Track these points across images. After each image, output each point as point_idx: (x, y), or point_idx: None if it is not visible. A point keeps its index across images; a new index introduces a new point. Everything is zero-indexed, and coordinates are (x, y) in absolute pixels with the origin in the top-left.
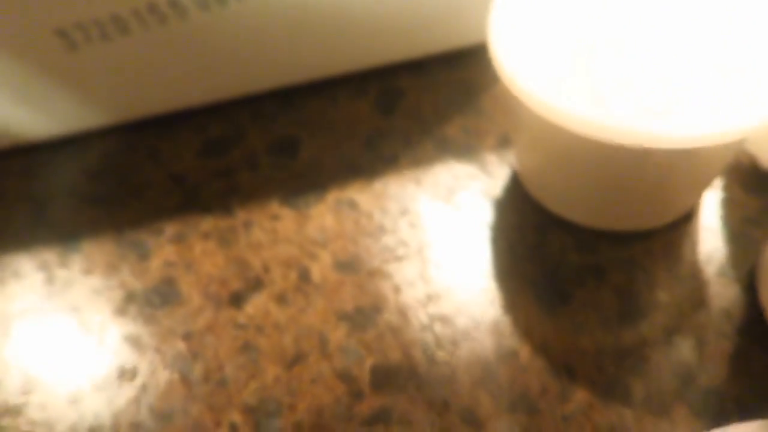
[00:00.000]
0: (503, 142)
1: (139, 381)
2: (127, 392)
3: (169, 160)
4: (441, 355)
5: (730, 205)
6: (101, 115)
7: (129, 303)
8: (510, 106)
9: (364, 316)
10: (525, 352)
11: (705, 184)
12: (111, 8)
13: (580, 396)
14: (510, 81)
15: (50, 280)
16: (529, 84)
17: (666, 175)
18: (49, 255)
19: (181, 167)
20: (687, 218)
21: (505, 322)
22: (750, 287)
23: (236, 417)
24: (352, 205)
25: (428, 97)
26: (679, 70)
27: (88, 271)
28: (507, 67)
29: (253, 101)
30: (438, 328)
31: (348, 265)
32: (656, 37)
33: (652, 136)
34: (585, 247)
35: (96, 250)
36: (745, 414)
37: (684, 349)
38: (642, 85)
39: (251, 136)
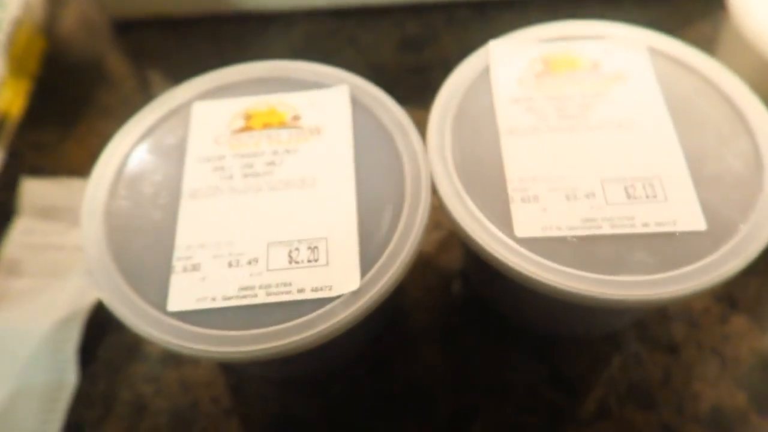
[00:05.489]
0: None
1: None
2: None
3: (368, 50)
4: None
5: None
6: None
7: None
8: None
9: None
10: None
11: None
12: None
13: (739, 322)
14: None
15: None
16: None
17: None
18: None
19: (380, 59)
20: None
21: None
22: None
23: None
24: None
25: None
26: None
27: None
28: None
29: (448, 6)
30: None
31: None
32: None
33: None
34: None
35: None
36: None
37: None
38: None
39: (444, 39)
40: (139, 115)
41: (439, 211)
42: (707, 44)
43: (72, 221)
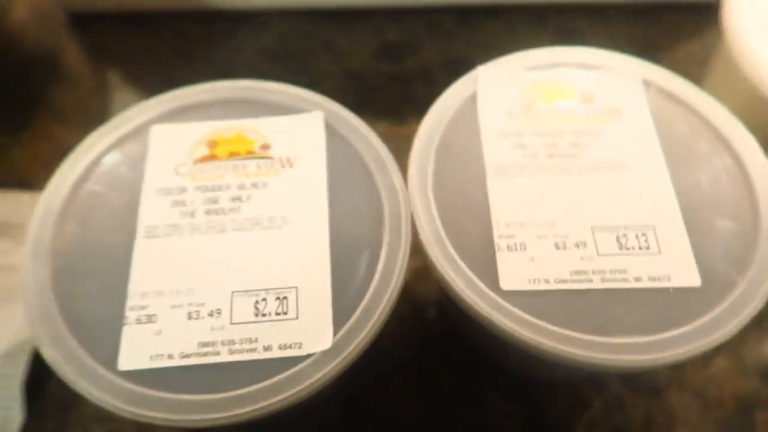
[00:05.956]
0: None
1: None
2: None
3: (345, 56)
4: None
5: None
6: None
7: None
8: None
9: None
10: None
11: None
12: None
13: (722, 364)
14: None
15: None
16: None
17: None
18: None
19: (357, 66)
20: None
21: None
22: None
23: None
24: None
25: (606, 43)
26: None
27: None
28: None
29: (431, 13)
30: None
31: None
32: None
33: None
34: None
35: None
36: None
37: None
38: None
39: (426, 48)
40: (90, 138)
41: (416, 238)
42: (696, 65)
43: (20, 239)
